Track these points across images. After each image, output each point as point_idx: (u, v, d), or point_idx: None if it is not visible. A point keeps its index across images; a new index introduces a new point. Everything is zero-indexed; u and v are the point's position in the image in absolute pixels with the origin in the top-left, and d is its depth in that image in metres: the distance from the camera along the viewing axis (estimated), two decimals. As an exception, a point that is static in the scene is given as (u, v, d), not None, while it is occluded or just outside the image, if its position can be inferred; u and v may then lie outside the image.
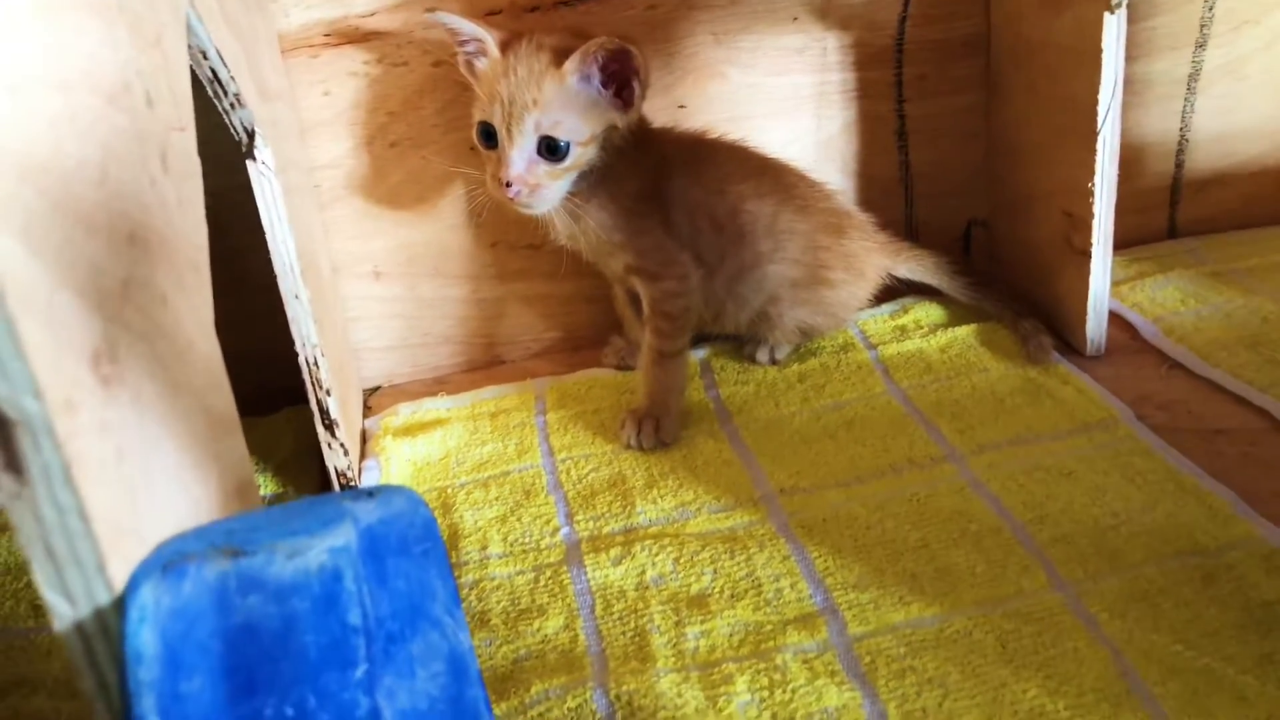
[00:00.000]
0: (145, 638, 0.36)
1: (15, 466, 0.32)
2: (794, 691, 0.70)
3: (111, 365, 0.38)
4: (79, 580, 0.35)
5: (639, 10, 1.08)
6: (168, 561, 0.38)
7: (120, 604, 0.36)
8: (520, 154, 0.92)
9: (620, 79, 0.93)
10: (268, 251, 0.84)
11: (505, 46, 0.93)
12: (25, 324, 0.32)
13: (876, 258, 1.11)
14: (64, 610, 0.35)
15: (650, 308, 1.01)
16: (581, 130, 0.92)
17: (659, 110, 1.10)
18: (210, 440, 0.49)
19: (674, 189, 1.01)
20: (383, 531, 0.47)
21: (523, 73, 0.90)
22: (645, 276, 1.00)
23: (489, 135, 0.94)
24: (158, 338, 0.44)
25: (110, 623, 0.36)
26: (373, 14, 1.03)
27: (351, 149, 1.08)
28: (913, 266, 1.14)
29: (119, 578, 0.36)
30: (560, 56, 0.90)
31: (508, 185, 0.92)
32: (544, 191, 0.93)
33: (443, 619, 0.49)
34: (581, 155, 0.93)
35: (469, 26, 0.93)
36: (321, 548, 0.41)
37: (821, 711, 0.68)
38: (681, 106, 1.13)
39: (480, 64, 0.95)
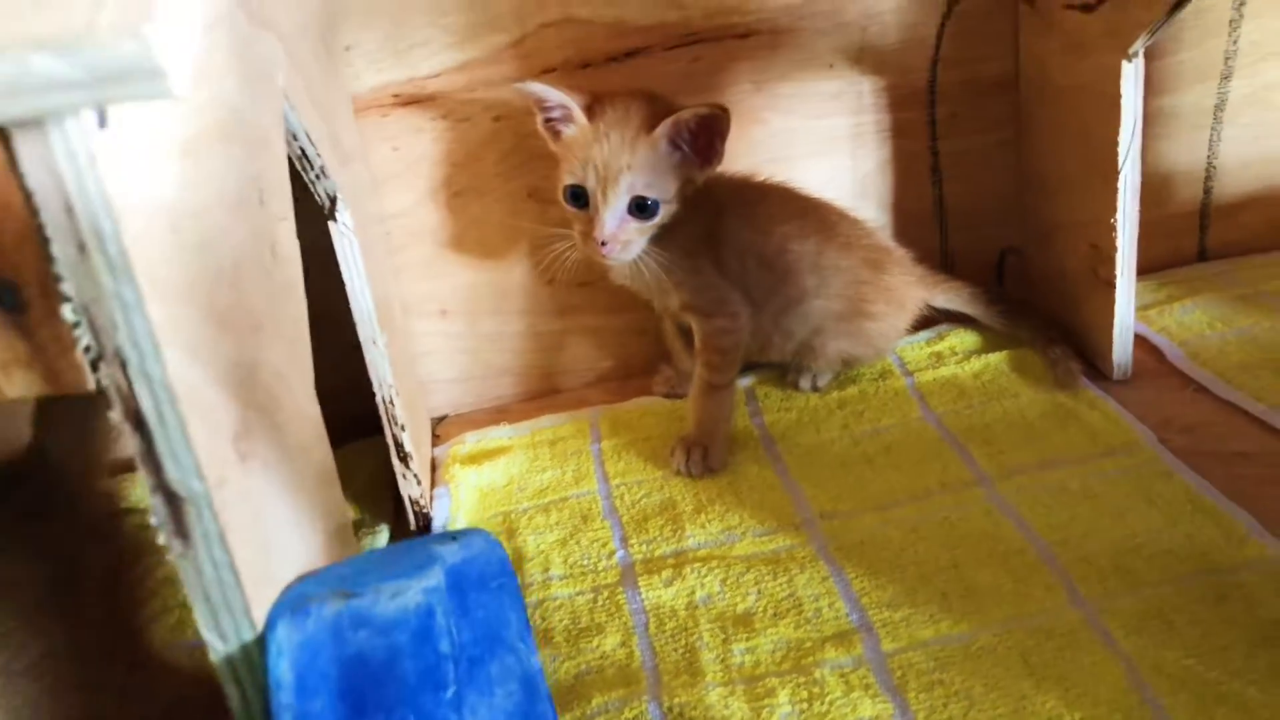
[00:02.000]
0: (283, 668, 0.44)
1: (183, 533, 0.41)
2: (831, 703, 0.77)
3: (247, 442, 0.46)
4: (230, 622, 0.43)
5: (684, 63, 1.15)
6: (294, 604, 0.46)
7: (260, 641, 0.44)
8: (613, 214, 0.99)
9: (704, 138, 1.00)
10: (334, 292, 0.92)
11: (591, 112, 1.00)
12: (192, 420, 0.40)
13: (915, 291, 1.18)
14: (218, 646, 0.43)
15: (702, 343, 1.08)
16: (668, 189, 1.00)
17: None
18: (317, 491, 0.57)
19: (726, 230, 1.09)
20: (465, 569, 0.55)
21: (615, 139, 0.98)
22: (699, 314, 1.08)
23: (578, 196, 1.01)
24: (276, 410, 0.52)
25: (253, 655, 0.44)
26: (437, 75, 1.12)
27: (419, 199, 1.17)
28: (950, 297, 1.21)
29: (259, 618, 0.44)
30: (650, 121, 0.98)
31: (602, 244, 0.99)
32: (632, 246, 1.01)
33: (516, 644, 0.57)
34: (667, 211, 1.01)
35: (555, 95, 0.99)
36: (418, 589, 0.49)
37: (856, 722, 0.75)
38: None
39: (567, 130, 1.01)
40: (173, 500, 0.40)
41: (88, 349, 0.38)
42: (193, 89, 0.49)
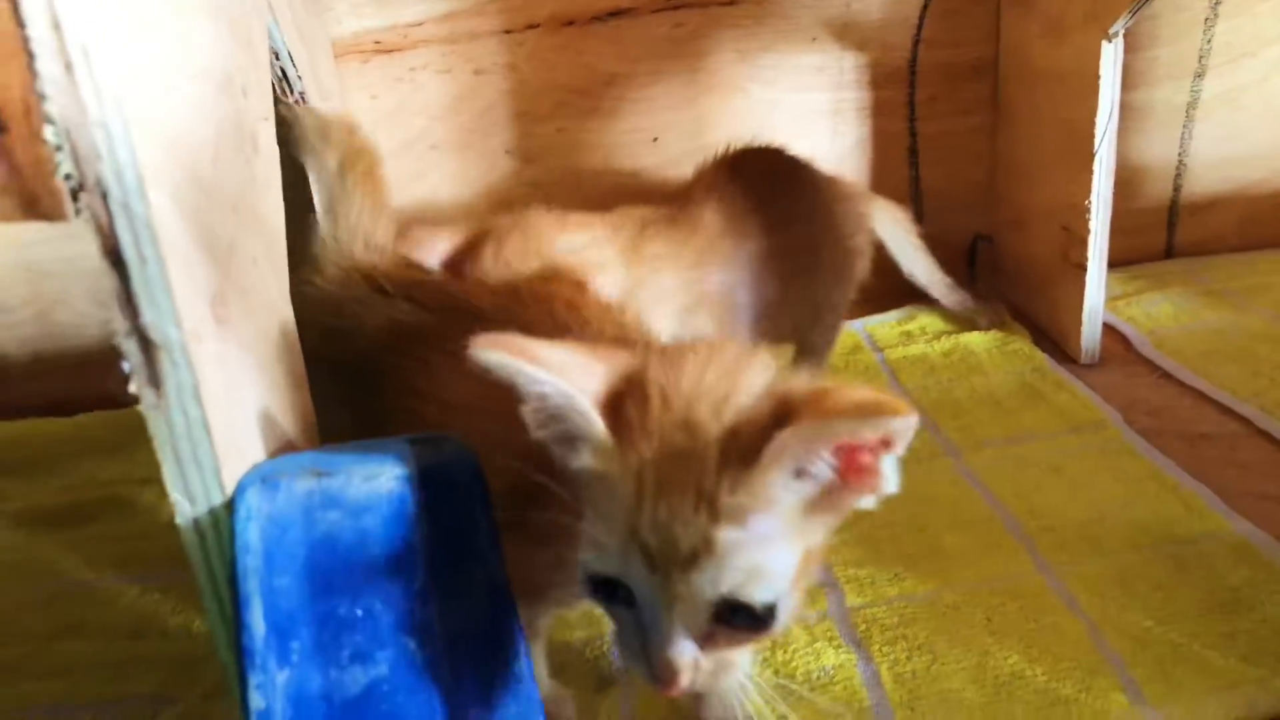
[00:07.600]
0: (252, 532, 0.43)
1: (155, 382, 0.40)
2: (794, 652, 0.76)
3: (223, 309, 0.45)
4: (199, 483, 0.42)
5: (667, 28, 1.15)
6: (265, 476, 0.45)
7: (229, 506, 0.43)
8: (683, 634, 0.49)
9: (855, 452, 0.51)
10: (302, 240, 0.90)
11: (615, 412, 0.50)
12: (172, 265, 0.39)
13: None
14: (185, 508, 0.42)
15: None
16: (790, 559, 0.50)
17: (677, 125, 1.16)
18: (286, 389, 0.56)
19: None
20: (438, 471, 0.53)
21: (676, 483, 0.48)
22: None
23: (611, 589, 0.51)
24: (252, 292, 0.51)
25: (221, 521, 0.43)
26: (420, 24, 1.11)
27: (394, 150, 1.15)
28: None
29: (230, 484, 0.43)
30: (751, 433, 0.48)
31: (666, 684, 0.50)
32: (723, 671, 0.52)
33: (486, 553, 0.55)
34: (789, 606, 0.51)
35: (552, 383, 0.48)
36: (391, 475, 0.48)
37: (819, 670, 0.75)
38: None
39: (574, 457, 0.50)
40: (147, 346, 0.39)
41: (68, 176, 0.36)
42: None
